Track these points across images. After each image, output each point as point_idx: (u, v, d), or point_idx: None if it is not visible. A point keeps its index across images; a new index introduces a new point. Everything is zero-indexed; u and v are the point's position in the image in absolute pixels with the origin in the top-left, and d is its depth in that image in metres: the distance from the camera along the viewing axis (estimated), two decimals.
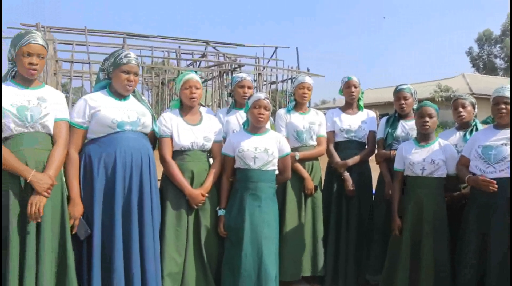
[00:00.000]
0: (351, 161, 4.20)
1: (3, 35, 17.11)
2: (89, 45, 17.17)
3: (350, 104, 4.40)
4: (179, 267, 3.41)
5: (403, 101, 4.09)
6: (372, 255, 4.15)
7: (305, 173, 4.04)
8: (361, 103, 4.43)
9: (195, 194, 3.41)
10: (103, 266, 3.05)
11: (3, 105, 2.81)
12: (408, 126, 4.09)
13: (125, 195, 3.11)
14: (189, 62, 21.14)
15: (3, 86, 2.91)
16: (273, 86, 22.88)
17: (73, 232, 2.98)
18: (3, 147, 2.79)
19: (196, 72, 3.73)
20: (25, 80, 2.94)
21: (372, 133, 4.33)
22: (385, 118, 4.25)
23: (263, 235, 3.41)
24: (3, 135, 2.83)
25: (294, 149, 3.99)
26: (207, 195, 3.48)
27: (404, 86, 4.13)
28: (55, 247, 2.87)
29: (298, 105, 4.22)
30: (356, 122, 4.31)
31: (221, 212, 3.56)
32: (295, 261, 3.99)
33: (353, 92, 4.33)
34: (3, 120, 2.81)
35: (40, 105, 2.91)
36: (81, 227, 3.02)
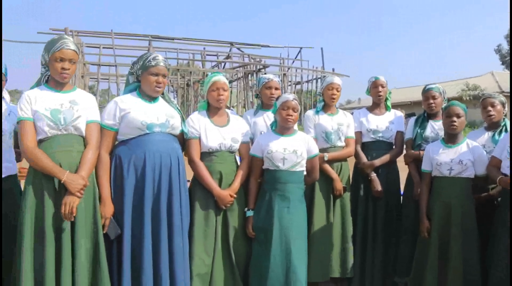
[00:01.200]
0: (378, 161, 4.17)
1: (34, 40, 17.48)
2: (116, 48, 17.46)
3: (377, 104, 4.37)
4: (207, 267, 3.43)
5: (431, 101, 4.05)
6: (400, 257, 4.11)
7: (334, 174, 4.03)
8: (389, 103, 4.40)
9: (224, 195, 3.44)
10: (132, 266, 3.10)
11: (38, 108, 2.90)
12: (437, 126, 4.04)
13: (154, 196, 3.15)
14: (214, 63, 21.28)
15: (37, 90, 3.00)
16: (298, 87, 22.87)
17: (104, 232, 3.04)
18: (39, 148, 2.88)
19: (221, 73, 3.75)
20: (57, 84, 3.02)
21: (399, 134, 4.29)
22: (413, 118, 4.21)
23: (291, 236, 3.41)
24: (39, 137, 2.92)
25: (322, 150, 3.99)
26: (235, 196, 3.50)
27: (433, 86, 4.09)
28: (88, 246, 2.94)
29: (327, 106, 4.20)
30: (383, 123, 4.28)
31: (250, 213, 3.57)
32: (324, 262, 3.97)
33: (380, 92, 4.30)
34: (38, 123, 2.90)
35: (72, 108, 2.98)
36: (111, 227, 3.08)
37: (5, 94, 3.36)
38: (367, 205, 4.20)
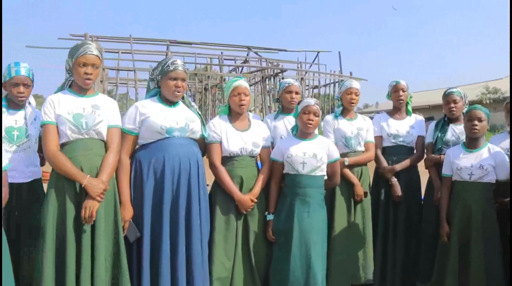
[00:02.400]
0: (398, 166, 4.15)
1: (55, 46, 17.74)
2: (134, 53, 17.59)
3: (398, 109, 4.35)
4: (228, 271, 3.45)
5: (452, 105, 4.01)
6: (421, 262, 4.08)
7: (354, 179, 4.01)
8: (409, 108, 4.37)
9: (245, 200, 3.45)
10: (151, 269, 3.13)
11: (61, 112, 2.96)
12: (458, 130, 4.00)
13: (173, 199, 3.18)
14: (231, 67, 21.34)
15: (61, 94, 3.06)
16: (316, 91, 22.81)
17: (123, 235, 3.07)
18: (61, 152, 2.92)
19: (241, 77, 3.77)
20: (80, 89, 3.07)
21: (420, 138, 4.26)
22: (434, 122, 4.18)
23: (311, 240, 3.42)
24: (61, 141, 2.97)
25: (342, 155, 3.96)
26: (256, 200, 3.51)
27: (454, 90, 4.05)
28: (109, 249, 2.98)
29: (346, 111, 4.19)
30: (404, 127, 4.25)
31: (270, 217, 3.58)
32: (345, 267, 3.95)
33: (401, 96, 4.28)
34: (61, 127, 2.95)
35: (94, 113, 3.03)
36: (131, 230, 3.12)
37: (31, 99, 3.43)
38: (387, 209, 4.18)
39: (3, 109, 3.27)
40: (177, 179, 3.17)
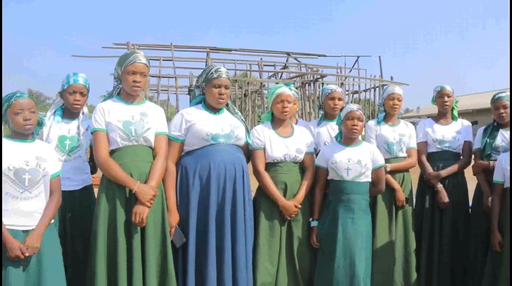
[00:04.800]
0: (444, 172, 4.07)
1: (99, 55, 18.24)
2: (175, 60, 17.88)
3: (443, 114, 4.27)
4: (271, 277, 3.46)
5: (502, 111, 3.90)
6: (469, 272, 3.99)
7: (396, 184, 3.96)
8: (455, 113, 4.29)
9: (289, 206, 3.46)
10: (196, 274, 3.17)
11: (111, 120, 3.04)
12: (508, 136, 3.89)
13: (219, 205, 3.22)
14: (271, 73, 21.39)
15: (110, 102, 3.14)
16: (356, 96, 22.60)
17: (170, 240, 3.12)
18: (111, 159, 3.00)
19: (291, 84, 3.79)
20: (129, 97, 3.15)
21: (467, 143, 4.16)
22: (482, 128, 4.07)
23: (356, 247, 3.40)
24: (111, 148, 3.06)
25: (384, 161, 3.93)
26: (300, 206, 3.51)
27: (503, 94, 3.94)
28: (157, 254, 3.04)
29: (388, 116, 4.15)
30: (450, 133, 4.17)
31: (314, 223, 3.58)
32: (387, 274, 3.90)
33: (446, 101, 4.20)
34: (111, 134, 3.04)
35: (143, 120, 3.10)
36: (177, 235, 3.17)
37: (84, 108, 3.53)
38: (433, 217, 4.10)
39: (58, 118, 3.38)
40: (223, 185, 3.22)
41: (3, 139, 2.80)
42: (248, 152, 3.55)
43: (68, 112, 3.43)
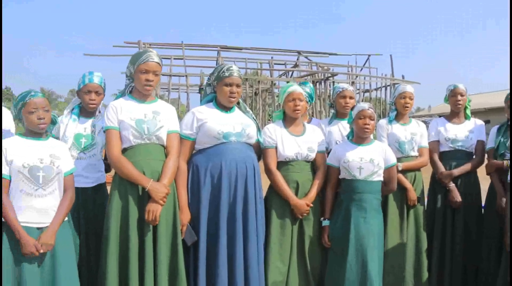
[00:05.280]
0: (457, 171, 4.04)
1: (109, 53, 18.28)
2: (186, 59, 17.93)
3: (456, 113, 4.24)
4: (282, 275, 3.46)
5: None
6: (481, 273, 3.96)
7: (407, 183, 3.94)
8: (468, 112, 4.25)
9: (300, 204, 3.46)
10: (207, 273, 3.18)
11: (124, 118, 3.06)
12: None
13: (230, 204, 3.22)
14: (281, 72, 21.38)
15: (123, 100, 3.16)
16: (367, 95, 22.51)
17: (181, 238, 3.13)
18: (124, 157, 3.02)
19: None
20: (141, 95, 3.16)
21: (481, 143, 4.13)
22: (495, 127, 4.04)
23: (368, 246, 3.39)
24: (123, 146, 3.07)
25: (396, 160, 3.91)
26: (311, 205, 3.51)
27: None
28: (168, 252, 3.05)
29: (399, 115, 4.12)
30: (462, 132, 4.14)
31: (326, 223, 3.57)
32: (398, 274, 3.89)
33: (459, 100, 4.17)
34: (123, 132, 3.05)
35: (155, 118, 3.11)
36: (188, 234, 3.17)
37: (101, 107, 3.55)
38: (445, 217, 4.07)
39: (74, 117, 3.41)
40: (234, 183, 3.22)
41: (18, 137, 2.85)
42: (259, 151, 3.55)
43: (85, 111, 3.46)
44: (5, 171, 2.72)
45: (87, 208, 3.32)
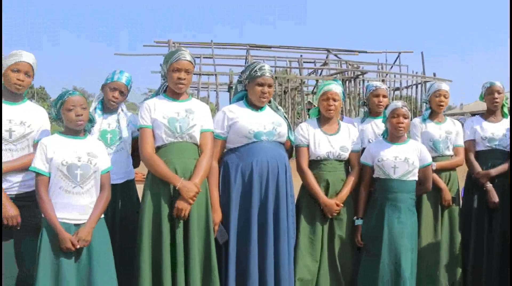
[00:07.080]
0: (494, 171, 3.94)
1: (140, 53, 18.51)
2: (215, 58, 18.01)
3: (493, 111, 4.14)
4: (312, 274, 3.45)
5: None
6: None
7: (442, 183, 3.88)
8: (505, 110, 4.15)
9: (330, 204, 3.44)
10: (238, 271, 3.19)
11: (157, 117, 3.09)
12: None
13: (261, 202, 3.23)
14: (311, 70, 21.26)
15: (156, 99, 3.19)
16: (397, 93, 22.19)
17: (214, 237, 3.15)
18: (156, 155, 3.04)
19: (338, 81, 3.76)
20: (174, 94, 3.19)
21: None
22: None
23: (402, 246, 3.36)
24: (156, 144, 3.10)
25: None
26: (342, 205, 3.49)
27: None
28: (201, 249, 3.07)
29: (434, 114, 4.05)
30: (500, 130, 4.04)
31: (359, 222, 3.55)
32: (432, 276, 3.83)
33: (496, 98, 4.07)
34: (156, 131, 3.09)
35: (188, 117, 3.13)
36: (220, 233, 3.19)
37: (122, 106, 3.55)
38: (481, 218, 3.99)
39: (99, 112, 3.42)
40: (265, 182, 3.22)
41: (57, 135, 2.92)
42: (291, 149, 3.55)
43: (106, 106, 3.47)
44: (45, 168, 2.80)
45: (115, 205, 3.31)
